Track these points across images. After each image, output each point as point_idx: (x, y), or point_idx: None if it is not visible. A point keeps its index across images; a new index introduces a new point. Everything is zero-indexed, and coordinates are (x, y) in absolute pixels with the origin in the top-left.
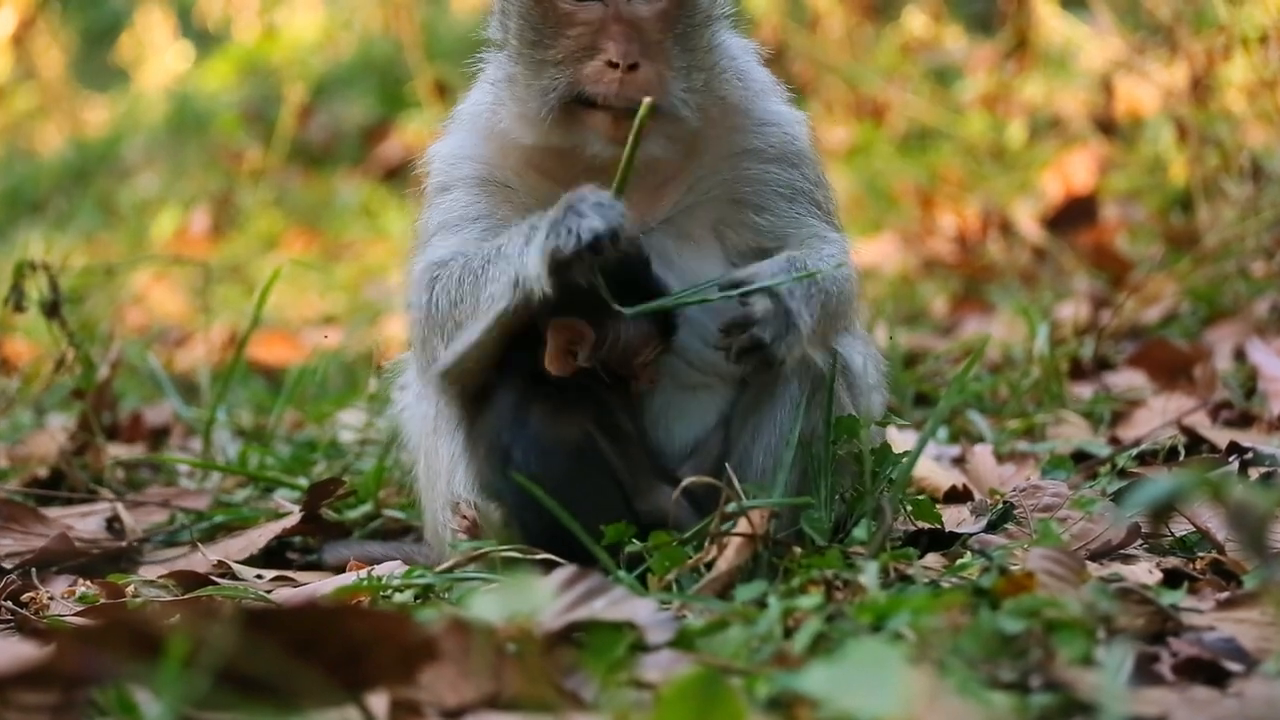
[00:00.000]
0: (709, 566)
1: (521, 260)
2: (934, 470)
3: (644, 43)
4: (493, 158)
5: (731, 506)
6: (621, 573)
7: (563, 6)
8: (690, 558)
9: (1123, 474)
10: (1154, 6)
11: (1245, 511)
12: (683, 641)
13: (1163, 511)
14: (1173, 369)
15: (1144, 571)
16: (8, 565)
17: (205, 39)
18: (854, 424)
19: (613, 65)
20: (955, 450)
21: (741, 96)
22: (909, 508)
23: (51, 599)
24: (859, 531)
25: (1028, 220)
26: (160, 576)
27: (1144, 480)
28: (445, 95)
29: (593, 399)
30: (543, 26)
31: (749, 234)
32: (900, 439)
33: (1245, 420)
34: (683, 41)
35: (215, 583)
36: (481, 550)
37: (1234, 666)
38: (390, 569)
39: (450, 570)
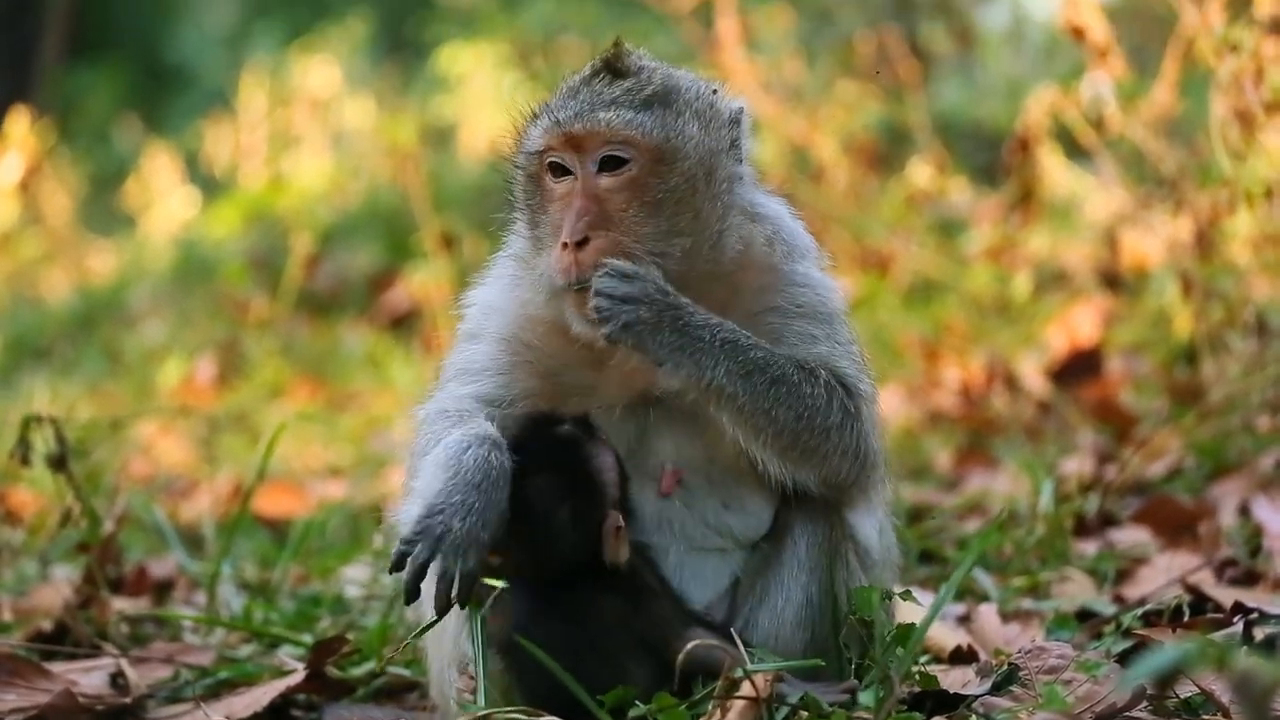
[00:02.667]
0: None
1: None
2: (939, 630)
3: (604, 214)
4: (518, 316)
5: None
6: None
7: (545, 182)
8: None
9: (1128, 634)
10: (1158, 160)
11: (1250, 681)
12: None
13: (1168, 678)
14: (1177, 525)
15: None
16: None
17: (212, 185)
18: (869, 595)
19: (564, 246)
20: (960, 609)
21: (770, 256)
22: (917, 675)
23: None
24: (865, 697)
25: (1032, 373)
26: None
27: (1149, 644)
28: (452, 246)
29: (611, 591)
30: (534, 202)
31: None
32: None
33: (1250, 578)
34: (658, 209)
35: None
36: (487, 712)
37: None
38: None
39: None
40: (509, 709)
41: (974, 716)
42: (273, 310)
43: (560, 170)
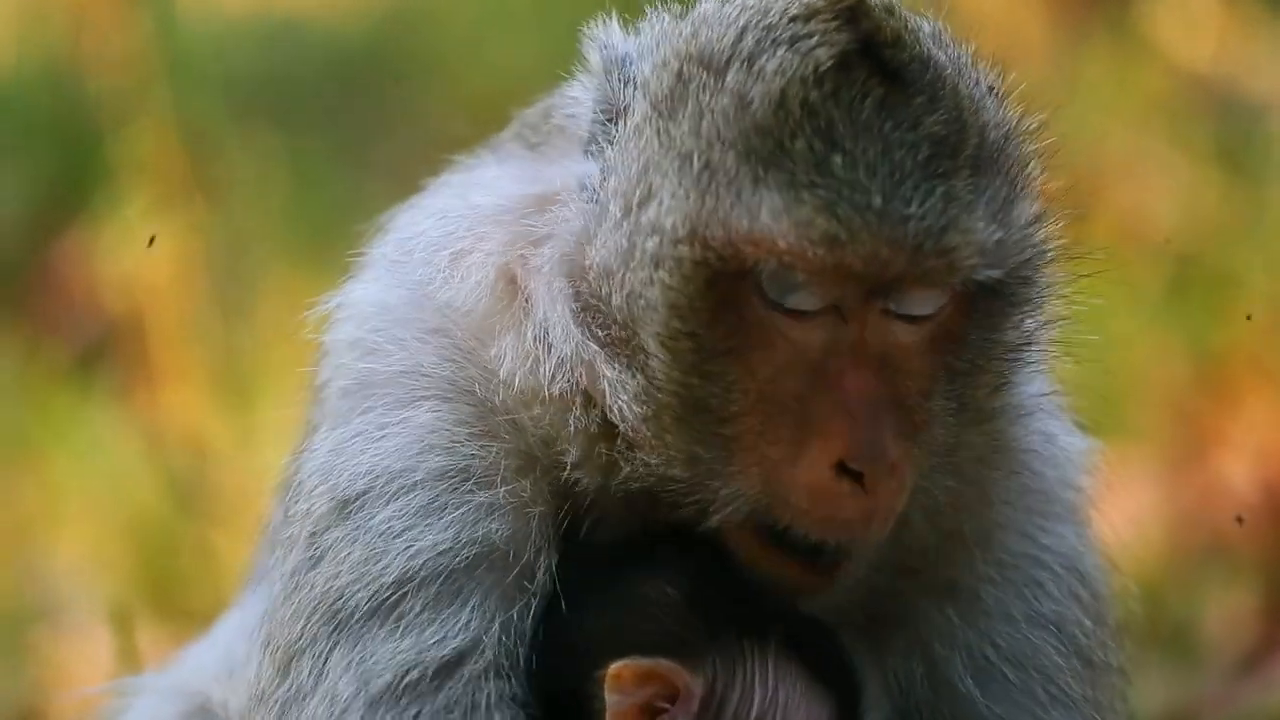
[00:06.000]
0: None
1: None
2: None
3: (896, 400)
4: (477, 370)
5: None
6: None
7: (753, 309)
8: None
9: None
10: None
11: None
12: None
13: None
14: None
15: None
16: None
17: None
18: None
19: (850, 473)
20: None
21: (1018, 490)
22: None
23: None
24: None
25: None
26: None
27: None
28: (186, 176)
29: None
30: (715, 339)
31: (945, 709)
32: None
33: None
34: (973, 384)
35: None
36: None
37: None
38: None
39: None
40: None
41: None
42: None
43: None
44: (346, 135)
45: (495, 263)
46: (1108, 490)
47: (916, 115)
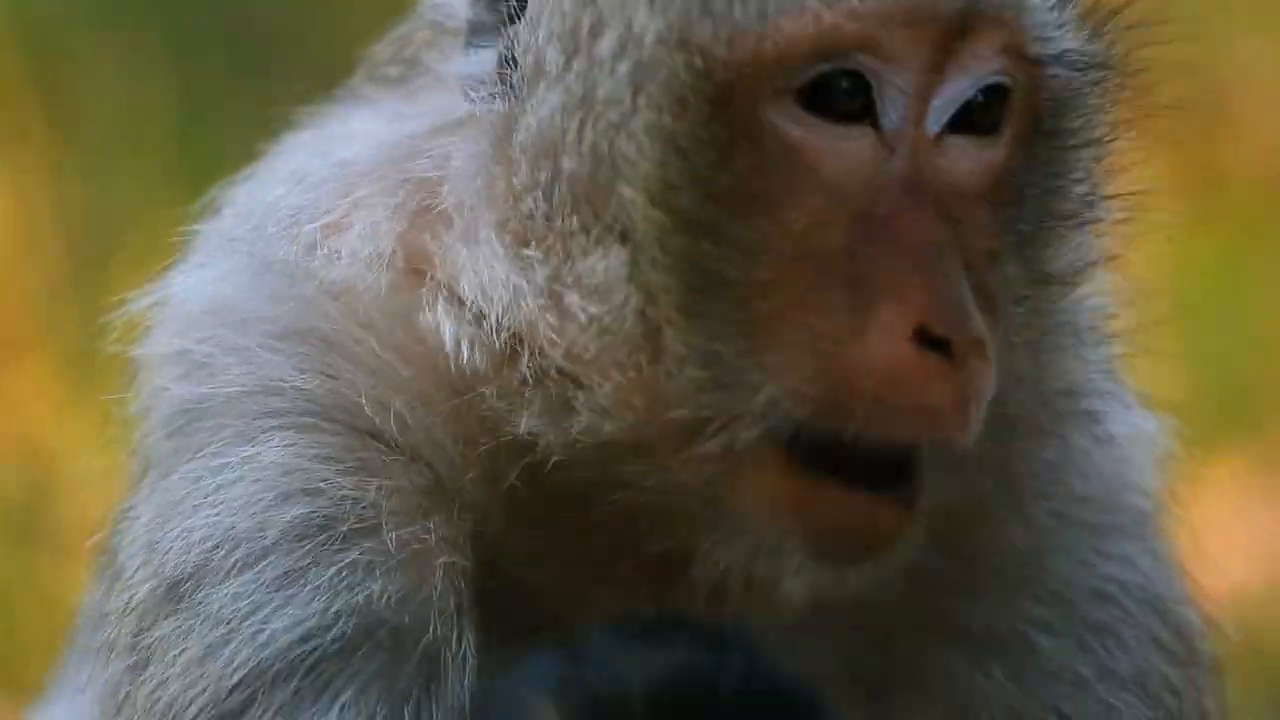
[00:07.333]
0: None
1: None
2: None
3: (969, 263)
4: (380, 392)
5: None
6: None
7: (791, 138)
8: None
9: None
10: None
11: None
12: None
13: None
14: None
15: None
16: None
17: None
18: None
19: (934, 342)
20: None
21: (1066, 498)
22: None
23: None
24: None
25: None
26: None
27: None
28: (33, 105)
29: None
30: (729, 182)
31: None
32: None
33: None
34: (1030, 251)
35: None
36: None
37: None
38: None
39: None
40: None
41: None
42: None
43: (839, 104)
44: (247, 54)
45: (393, 231)
46: (1214, 503)
47: None
